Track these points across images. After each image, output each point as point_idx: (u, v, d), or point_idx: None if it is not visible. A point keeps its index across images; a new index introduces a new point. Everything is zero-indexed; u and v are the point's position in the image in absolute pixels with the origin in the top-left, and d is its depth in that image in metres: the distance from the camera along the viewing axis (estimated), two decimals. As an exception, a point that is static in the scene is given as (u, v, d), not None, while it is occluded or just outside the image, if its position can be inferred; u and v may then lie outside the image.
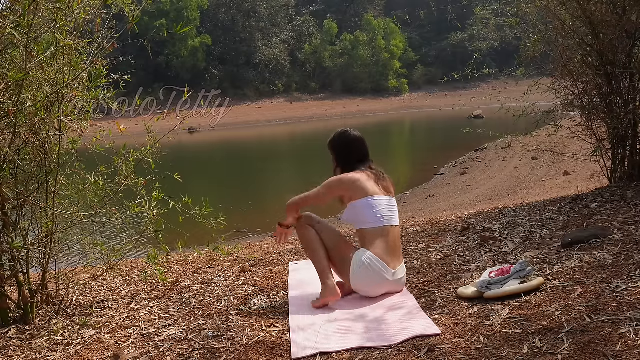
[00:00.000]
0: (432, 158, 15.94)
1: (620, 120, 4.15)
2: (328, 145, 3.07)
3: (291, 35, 46.43)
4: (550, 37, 4.73)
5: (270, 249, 4.17)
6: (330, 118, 35.14)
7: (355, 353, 2.21)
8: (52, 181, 2.92)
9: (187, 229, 3.24)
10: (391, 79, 46.41)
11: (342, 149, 3.03)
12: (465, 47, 42.60)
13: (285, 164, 19.10)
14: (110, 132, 3.04)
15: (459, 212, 5.71)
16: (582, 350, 1.87)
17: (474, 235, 3.65)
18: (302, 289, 3.02)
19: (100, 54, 2.81)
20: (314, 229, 2.89)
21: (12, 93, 2.61)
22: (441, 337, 2.22)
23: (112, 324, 2.79)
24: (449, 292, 2.72)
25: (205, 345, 2.42)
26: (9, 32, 2.41)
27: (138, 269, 3.81)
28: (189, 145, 23.65)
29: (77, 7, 2.70)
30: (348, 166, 2.97)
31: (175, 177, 3.19)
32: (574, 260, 2.71)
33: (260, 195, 12.91)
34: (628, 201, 3.62)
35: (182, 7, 39.18)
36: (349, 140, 3.03)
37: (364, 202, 2.82)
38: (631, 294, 2.17)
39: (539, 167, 10.99)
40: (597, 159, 4.57)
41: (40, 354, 2.50)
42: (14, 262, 2.79)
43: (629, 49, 4.14)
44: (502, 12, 5.18)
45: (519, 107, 4.93)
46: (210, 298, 3.05)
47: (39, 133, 2.76)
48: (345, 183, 2.88)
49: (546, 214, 3.87)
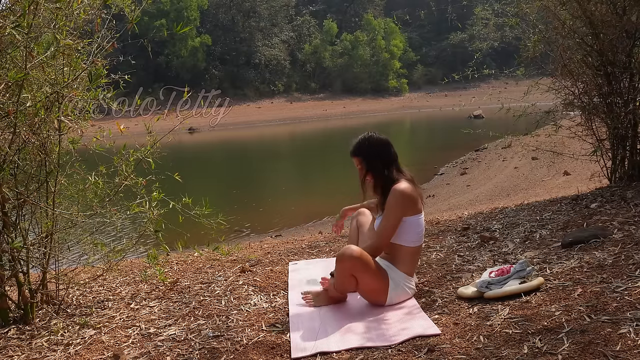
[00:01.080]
0: (432, 158, 15.93)
1: (620, 120, 4.15)
2: (357, 152, 2.79)
3: (291, 35, 46.41)
4: (550, 37, 4.73)
5: (270, 249, 4.17)
6: (330, 118, 35.14)
7: (355, 353, 2.21)
8: (52, 181, 2.92)
9: (187, 229, 3.24)
10: (391, 79, 46.40)
11: (382, 149, 2.76)
12: (465, 47, 42.60)
13: (285, 164, 19.10)
14: (110, 132, 3.04)
15: (459, 212, 5.71)
16: (582, 350, 1.87)
17: (474, 235, 3.65)
18: (302, 289, 3.02)
19: (100, 54, 2.82)
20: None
21: (12, 93, 2.61)
22: (441, 337, 2.22)
23: (112, 324, 2.79)
24: (449, 292, 2.72)
25: (205, 345, 2.43)
26: (9, 32, 2.41)
27: (138, 269, 3.81)
28: (189, 145, 23.64)
29: (77, 7, 2.70)
30: (391, 166, 2.74)
31: (175, 177, 3.19)
32: (574, 260, 2.71)
33: (261, 195, 12.91)
34: (628, 201, 3.62)
35: (182, 7, 39.16)
36: (382, 139, 2.78)
37: (414, 220, 2.70)
38: (631, 294, 2.17)
39: (539, 167, 10.99)
40: (597, 159, 4.57)
41: (40, 354, 2.50)
42: (14, 262, 2.79)
43: (629, 49, 4.14)
44: (502, 12, 5.18)
45: (519, 107, 4.94)
46: (210, 298, 3.05)
47: (39, 133, 2.76)
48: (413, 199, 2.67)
49: (546, 214, 3.87)
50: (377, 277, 2.65)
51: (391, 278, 2.69)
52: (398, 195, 2.65)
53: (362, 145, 2.79)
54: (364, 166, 2.77)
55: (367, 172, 2.77)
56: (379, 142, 2.77)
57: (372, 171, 2.75)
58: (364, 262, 2.59)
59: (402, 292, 2.70)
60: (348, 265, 2.58)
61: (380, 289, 2.67)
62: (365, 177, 2.78)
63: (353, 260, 2.57)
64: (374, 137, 2.78)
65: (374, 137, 2.79)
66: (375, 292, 2.68)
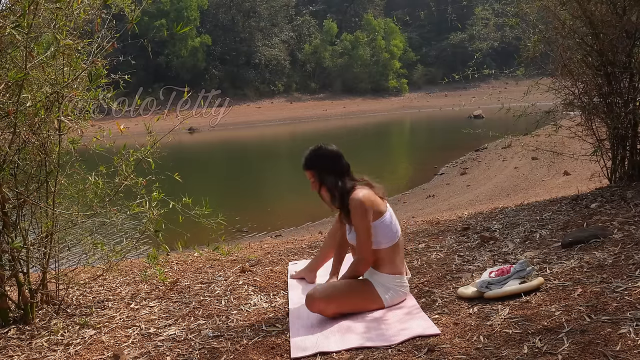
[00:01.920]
0: (432, 158, 15.93)
1: (620, 120, 4.15)
2: (308, 165, 2.74)
3: (291, 35, 46.39)
4: (550, 37, 4.73)
5: (270, 249, 4.17)
6: (330, 118, 35.13)
7: (355, 353, 2.21)
8: (52, 181, 2.92)
9: (187, 229, 3.24)
10: (391, 79, 46.38)
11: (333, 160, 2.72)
12: (465, 47, 42.56)
13: (286, 164, 19.09)
14: (110, 132, 3.05)
15: (459, 212, 5.71)
16: (582, 350, 1.87)
17: (474, 235, 3.65)
18: (302, 289, 3.02)
19: (100, 54, 2.82)
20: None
21: (12, 93, 2.61)
22: (441, 337, 2.22)
23: (112, 324, 2.79)
24: (449, 292, 2.72)
25: (205, 345, 2.43)
26: (9, 32, 2.41)
27: (138, 269, 3.81)
28: (189, 145, 23.63)
29: (77, 7, 2.70)
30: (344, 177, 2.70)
31: (175, 177, 3.19)
32: (574, 260, 2.71)
33: (261, 196, 12.91)
34: (628, 201, 3.62)
35: (182, 7, 39.14)
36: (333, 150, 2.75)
37: (379, 224, 2.65)
38: (631, 294, 2.18)
39: (539, 167, 11.00)
40: (597, 159, 4.57)
41: (40, 354, 2.50)
42: (14, 262, 2.79)
43: (629, 49, 4.14)
44: (502, 12, 5.18)
45: (519, 107, 4.94)
46: (210, 298, 3.05)
47: (39, 133, 2.76)
48: (372, 204, 2.64)
49: (546, 214, 3.87)
50: (357, 294, 2.64)
51: (376, 284, 2.66)
52: (358, 206, 2.60)
53: (312, 158, 2.74)
54: (317, 179, 2.73)
55: (321, 185, 2.72)
56: (329, 154, 2.73)
57: (326, 184, 2.71)
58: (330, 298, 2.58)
59: (395, 293, 2.67)
60: (320, 308, 2.57)
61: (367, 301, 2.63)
62: (320, 190, 2.74)
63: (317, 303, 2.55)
64: (323, 149, 2.74)
65: (323, 148, 2.74)
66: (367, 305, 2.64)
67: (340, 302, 2.60)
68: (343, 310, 2.61)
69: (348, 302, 2.62)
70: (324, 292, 2.60)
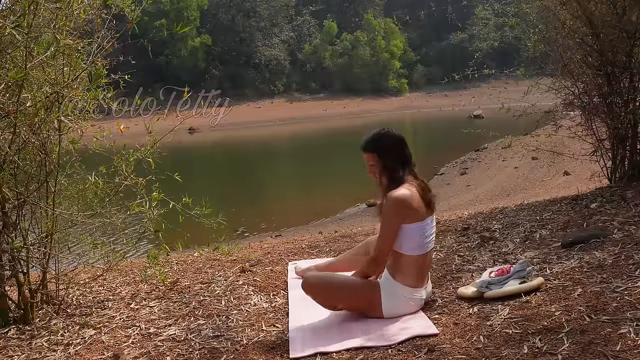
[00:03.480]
0: (432, 158, 15.90)
1: (620, 120, 4.15)
2: (371, 147, 2.55)
3: (291, 35, 46.40)
4: (550, 37, 4.73)
5: (270, 249, 4.17)
6: (330, 118, 35.12)
7: (355, 353, 2.21)
8: (52, 181, 2.92)
9: (187, 229, 3.24)
10: (391, 79, 46.36)
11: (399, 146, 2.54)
12: (465, 47, 42.46)
13: (286, 164, 19.10)
14: (110, 132, 3.05)
15: (459, 212, 5.70)
16: (582, 350, 1.87)
17: (474, 235, 3.65)
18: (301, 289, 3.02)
19: (100, 54, 2.82)
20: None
21: (12, 93, 2.61)
22: (441, 337, 2.22)
23: (112, 324, 2.79)
24: (449, 292, 2.72)
25: (205, 345, 2.43)
26: (9, 32, 2.41)
27: (138, 269, 3.81)
28: (189, 145, 23.62)
29: (77, 7, 2.70)
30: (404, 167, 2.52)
31: (175, 177, 3.19)
32: (574, 260, 2.71)
33: (261, 195, 12.92)
34: (628, 201, 3.62)
35: (182, 7, 39.15)
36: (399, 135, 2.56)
37: (414, 228, 2.45)
38: (631, 294, 2.18)
39: (539, 167, 10.99)
40: (597, 159, 4.57)
41: (40, 354, 2.50)
42: (14, 262, 2.79)
43: (629, 49, 4.13)
44: (502, 12, 5.18)
45: (519, 107, 4.93)
46: (210, 298, 3.05)
47: (39, 133, 2.76)
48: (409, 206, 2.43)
49: (546, 214, 3.87)
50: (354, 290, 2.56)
51: (383, 287, 2.51)
52: (392, 202, 2.43)
53: (377, 140, 2.55)
54: (378, 163, 2.53)
55: (382, 170, 2.52)
56: (396, 139, 2.55)
57: (387, 169, 2.51)
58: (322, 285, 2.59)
59: (402, 303, 2.50)
60: (311, 292, 2.58)
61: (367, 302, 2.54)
62: (380, 175, 2.53)
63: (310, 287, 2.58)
64: (390, 132, 2.56)
65: (390, 132, 2.56)
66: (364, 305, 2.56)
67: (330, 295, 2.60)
68: (334, 304, 2.60)
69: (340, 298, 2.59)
70: (318, 280, 2.64)
